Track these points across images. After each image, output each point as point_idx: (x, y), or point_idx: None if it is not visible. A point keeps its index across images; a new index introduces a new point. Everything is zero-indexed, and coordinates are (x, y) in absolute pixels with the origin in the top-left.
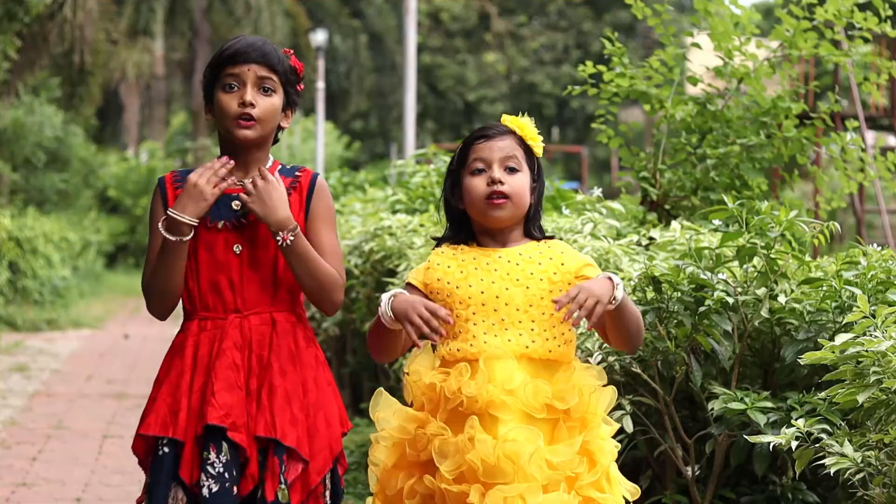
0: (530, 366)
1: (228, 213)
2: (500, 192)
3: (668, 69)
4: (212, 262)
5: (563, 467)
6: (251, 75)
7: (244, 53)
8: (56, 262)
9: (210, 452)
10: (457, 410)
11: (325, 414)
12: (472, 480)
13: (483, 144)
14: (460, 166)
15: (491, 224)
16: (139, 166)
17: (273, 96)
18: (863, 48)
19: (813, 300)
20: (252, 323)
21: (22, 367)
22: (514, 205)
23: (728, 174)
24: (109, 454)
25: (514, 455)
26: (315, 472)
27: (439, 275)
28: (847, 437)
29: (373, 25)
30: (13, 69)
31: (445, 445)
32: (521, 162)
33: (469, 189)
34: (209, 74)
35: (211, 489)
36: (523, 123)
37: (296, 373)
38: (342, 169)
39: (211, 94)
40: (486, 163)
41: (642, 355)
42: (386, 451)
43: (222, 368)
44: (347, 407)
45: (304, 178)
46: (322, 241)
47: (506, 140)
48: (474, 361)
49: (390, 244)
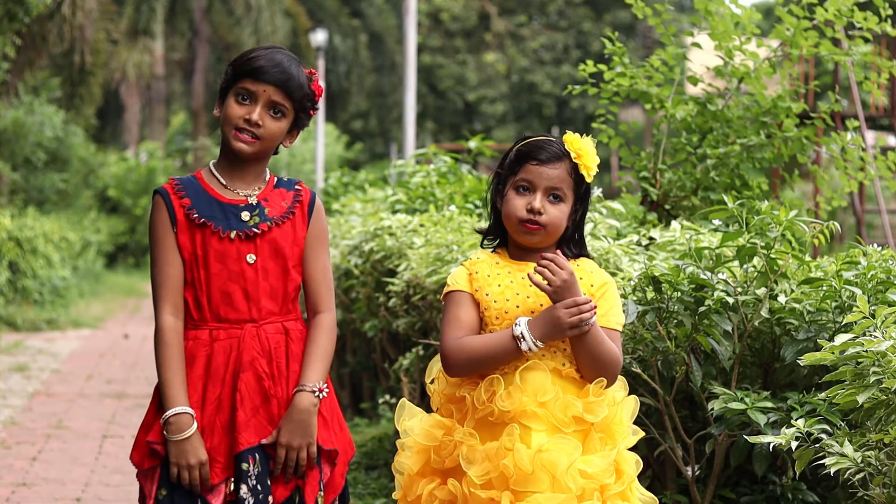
0: (560, 379)
1: (239, 224)
2: (535, 221)
3: (668, 68)
4: (224, 272)
5: (597, 477)
6: (265, 96)
7: (266, 73)
8: (56, 262)
9: (249, 465)
10: (486, 420)
11: (338, 417)
12: (501, 487)
13: (534, 167)
14: (509, 171)
15: (521, 243)
16: (139, 166)
17: (282, 120)
18: (863, 48)
19: (813, 300)
20: (268, 332)
21: (22, 367)
22: (548, 233)
23: (728, 174)
24: (109, 454)
25: (550, 465)
26: (339, 476)
27: (478, 284)
28: (847, 437)
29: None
30: (13, 69)
31: (473, 452)
32: (567, 191)
33: (509, 203)
34: (230, 73)
35: (249, 502)
36: (584, 150)
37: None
38: (342, 169)
39: (225, 92)
40: (532, 186)
41: (642, 355)
42: (411, 458)
43: (255, 380)
44: (347, 407)
45: (305, 194)
46: (317, 267)
47: (558, 168)
48: (505, 375)
49: (390, 244)
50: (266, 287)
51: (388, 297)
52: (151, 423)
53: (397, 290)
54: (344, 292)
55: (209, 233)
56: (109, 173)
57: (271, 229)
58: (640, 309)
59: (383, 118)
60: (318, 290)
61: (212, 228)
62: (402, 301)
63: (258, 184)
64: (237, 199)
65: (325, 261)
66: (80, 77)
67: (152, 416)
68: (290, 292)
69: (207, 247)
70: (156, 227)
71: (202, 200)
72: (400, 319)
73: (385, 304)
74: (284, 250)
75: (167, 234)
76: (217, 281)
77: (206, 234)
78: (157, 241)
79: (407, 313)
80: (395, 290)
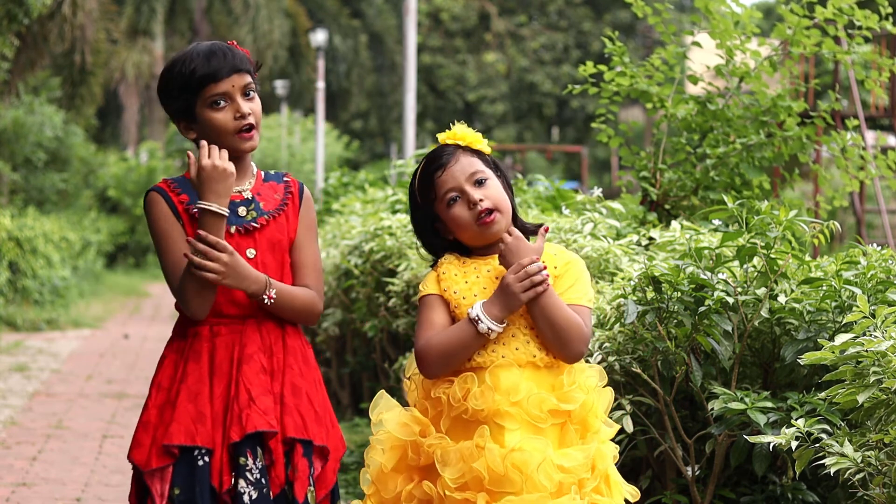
0: (535, 372)
1: (238, 219)
2: (485, 210)
3: (668, 67)
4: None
5: (575, 471)
6: (236, 88)
7: (219, 70)
8: (56, 262)
9: (248, 459)
10: (460, 418)
11: (329, 414)
12: (477, 488)
13: (444, 175)
14: (429, 201)
15: (489, 240)
16: (139, 166)
17: (255, 96)
18: (863, 47)
19: (813, 300)
20: (269, 327)
21: (22, 367)
22: (502, 213)
23: (728, 174)
24: (109, 454)
25: (522, 465)
26: (331, 471)
27: (446, 284)
28: (847, 437)
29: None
30: (14, 69)
31: (447, 453)
32: (484, 169)
33: (454, 219)
34: (183, 96)
35: (251, 496)
36: (461, 133)
37: (309, 373)
38: (342, 169)
39: (190, 115)
40: (457, 189)
41: (642, 355)
42: (384, 454)
43: (254, 374)
44: (347, 407)
45: (294, 186)
46: (307, 254)
47: (459, 159)
48: (479, 370)
49: (390, 244)
50: None
51: (388, 297)
52: (152, 421)
53: (397, 290)
54: (344, 292)
55: None
56: (109, 173)
57: (269, 223)
58: (640, 309)
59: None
60: (308, 275)
61: None
62: (402, 301)
63: (248, 178)
64: (236, 194)
65: (315, 249)
66: (81, 77)
67: (154, 416)
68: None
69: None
70: (159, 220)
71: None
72: (400, 319)
73: (385, 304)
74: (282, 243)
75: (173, 225)
76: None
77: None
78: (163, 233)
79: (407, 313)
80: (395, 290)
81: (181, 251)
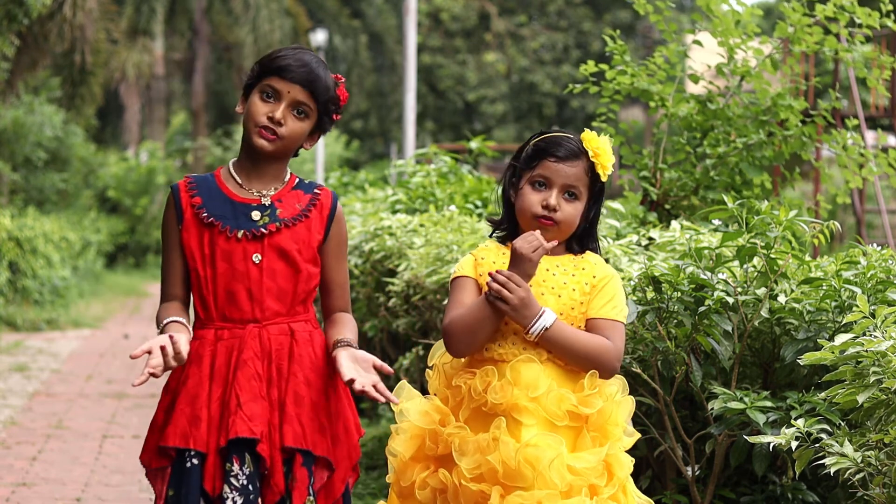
0: (556, 371)
1: (248, 224)
2: (550, 217)
3: (669, 66)
4: (230, 272)
5: (586, 474)
6: (290, 96)
7: (292, 72)
8: (56, 262)
9: (233, 464)
10: (479, 409)
11: (343, 421)
12: (492, 481)
13: (552, 164)
14: (525, 165)
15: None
16: (139, 166)
17: (305, 121)
18: (864, 47)
19: (813, 300)
20: (271, 333)
21: (22, 367)
22: (560, 230)
23: (728, 173)
24: (109, 454)
25: (534, 460)
26: (339, 481)
27: (483, 269)
28: (847, 437)
29: (373, 25)
30: (14, 69)
31: (465, 443)
32: (583, 189)
33: (524, 197)
34: (256, 70)
35: (236, 501)
36: (601, 148)
37: (319, 381)
38: (342, 169)
39: (248, 92)
40: (549, 182)
41: (642, 355)
42: (404, 443)
43: (245, 379)
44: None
45: (325, 197)
46: (335, 274)
47: (575, 167)
48: (501, 363)
49: (390, 244)
50: (272, 287)
51: (388, 297)
52: (157, 423)
53: (397, 290)
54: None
55: (216, 232)
56: (109, 173)
57: (280, 230)
58: (640, 309)
59: (383, 118)
60: (341, 295)
61: (219, 228)
62: (402, 301)
63: (276, 184)
64: (251, 198)
65: (343, 269)
66: (81, 77)
67: (160, 418)
68: (299, 294)
69: (214, 246)
70: (164, 224)
71: (214, 199)
72: (400, 319)
73: (385, 304)
74: (293, 252)
75: (172, 233)
76: (222, 280)
77: (213, 234)
78: (164, 239)
79: (407, 313)
80: (395, 290)
81: (171, 261)
